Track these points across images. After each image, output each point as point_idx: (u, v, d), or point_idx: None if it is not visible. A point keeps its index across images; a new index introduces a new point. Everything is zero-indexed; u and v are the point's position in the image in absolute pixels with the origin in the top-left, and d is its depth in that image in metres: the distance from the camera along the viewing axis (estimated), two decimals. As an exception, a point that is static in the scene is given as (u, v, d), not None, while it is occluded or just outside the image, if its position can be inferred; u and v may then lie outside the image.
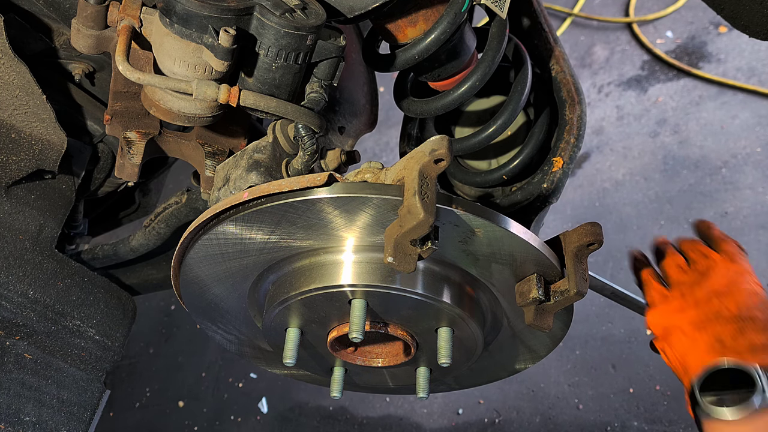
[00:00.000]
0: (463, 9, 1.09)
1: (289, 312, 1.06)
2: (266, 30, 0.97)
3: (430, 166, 0.87)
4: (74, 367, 1.38)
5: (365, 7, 1.04)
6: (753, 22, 1.03)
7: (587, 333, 2.53)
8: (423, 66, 1.22)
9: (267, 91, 1.04)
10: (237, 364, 2.95)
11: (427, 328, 1.07)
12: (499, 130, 1.28)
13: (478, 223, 0.91)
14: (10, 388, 1.27)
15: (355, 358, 1.19)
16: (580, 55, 3.41)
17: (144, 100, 1.12)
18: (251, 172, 1.07)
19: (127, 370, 3.14)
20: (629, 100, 3.16)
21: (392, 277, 0.98)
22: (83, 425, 1.36)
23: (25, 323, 1.30)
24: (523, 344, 1.19)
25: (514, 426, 2.48)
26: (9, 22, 1.20)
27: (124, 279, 1.83)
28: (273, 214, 0.94)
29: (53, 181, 1.39)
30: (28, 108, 1.26)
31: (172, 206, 1.56)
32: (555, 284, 0.99)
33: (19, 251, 1.31)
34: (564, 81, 1.34)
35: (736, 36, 3.14)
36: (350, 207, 0.92)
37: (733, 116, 2.91)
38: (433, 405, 2.62)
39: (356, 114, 1.49)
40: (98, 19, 1.05)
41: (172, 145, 1.34)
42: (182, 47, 0.99)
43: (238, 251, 1.03)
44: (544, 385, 2.52)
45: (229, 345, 1.35)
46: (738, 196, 2.69)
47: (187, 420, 2.89)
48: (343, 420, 2.68)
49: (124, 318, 1.48)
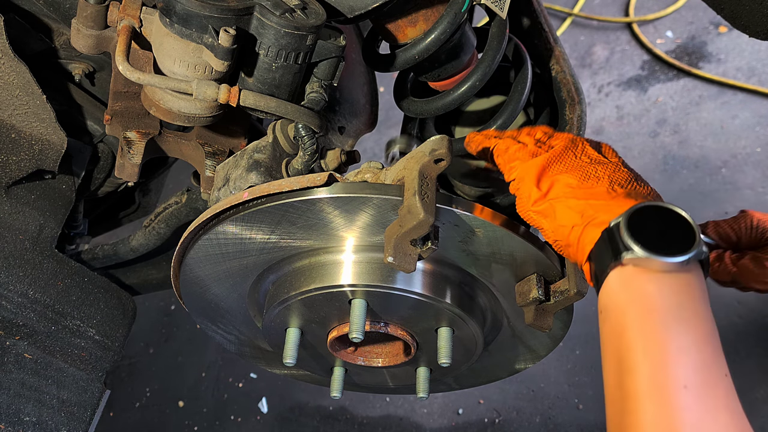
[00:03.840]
0: (463, 9, 1.09)
1: (289, 312, 1.06)
2: (266, 30, 0.97)
3: (430, 166, 0.87)
4: (74, 367, 1.38)
5: (365, 7, 1.04)
6: (753, 22, 1.03)
7: (587, 333, 2.52)
8: (423, 66, 1.22)
9: (267, 91, 1.04)
10: (237, 364, 2.95)
11: (427, 328, 1.07)
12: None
13: (478, 223, 0.91)
14: (10, 388, 1.27)
15: (355, 358, 1.19)
16: (580, 55, 3.40)
17: (144, 100, 1.12)
18: (251, 172, 1.07)
19: (127, 370, 3.14)
20: (629, 100, 3.15)
21: (392, 277, 0.98)
22: (83, 425, 1.36)
23: (25, 323, 1.30)
24: (523, 344, 1.19)
25: (514, 426, 2.48)
26: (9, 22, 1.20)
27: (124, 279, 1.83)
28: (273, 214, 0.94)
29: (53, 181, 1.39)
30: (28, 108, 1.26)
31: (172, 206, 1.56)
32: (555, 284, 0.99)
33: (19, 251, 1.31)
34: (564, 81, 1.34)
35: (736, 36, 3.14)
36: (350, 207, 0.92)
37: (733, 116, 2.91)
38: (433, 405, 2.62)
39: (356, 114, 1.49)
40: (98, 19, 1.05)
41: (172, 145, 1.34)
42: (182, 47, 0.99)
43: (238, 251, 1.03)
44: (544, 385, 2.52)
45: (229, 345, 1.35)
46: (738, 196, 2.69)
47: (187, 420, 2.89)
48: (343, 420, 2.67)
49: (124, 318, 1.48)
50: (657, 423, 0.69)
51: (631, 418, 0.71)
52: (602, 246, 0.80)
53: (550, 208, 0.88)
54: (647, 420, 0.69)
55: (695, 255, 0.75)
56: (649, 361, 0.72)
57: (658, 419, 0.69)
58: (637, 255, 0.75)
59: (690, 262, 0.75)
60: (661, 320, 0.73)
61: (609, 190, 0.86)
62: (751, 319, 2.34)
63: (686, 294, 0.75)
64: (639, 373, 0.72)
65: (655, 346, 0.72)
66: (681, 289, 0.75)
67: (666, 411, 0.68)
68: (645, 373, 0.71)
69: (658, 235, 0.76)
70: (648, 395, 0.70)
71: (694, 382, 0.69)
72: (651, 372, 0.71)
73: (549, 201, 0.88)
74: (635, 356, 0.73)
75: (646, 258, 0.75)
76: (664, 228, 0.77)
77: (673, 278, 0.75)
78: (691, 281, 0.76)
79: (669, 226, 0.77)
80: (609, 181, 0.87)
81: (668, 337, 0.72)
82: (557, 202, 0.87)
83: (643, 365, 0.72)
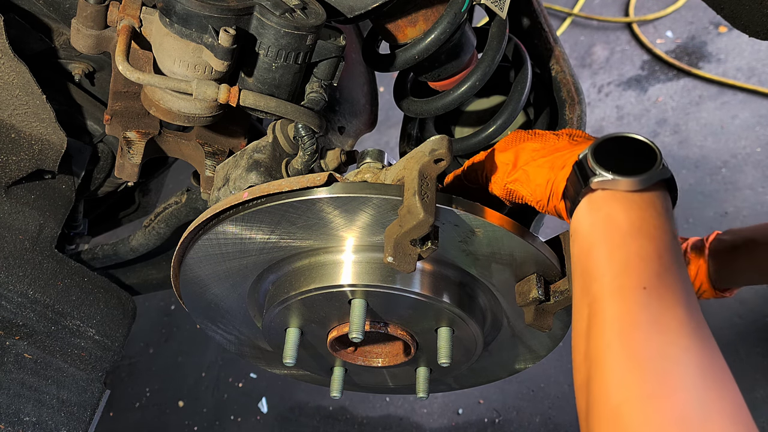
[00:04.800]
0: (463, 9, 1.09)
1: (289, 312, 1.06)
2: (266, 30, 0.97)
3: (430, 166, 0.87)
4: (74, 367, 1.38)
5: (365, 7, 1.04)
6: (753, 22, 1.03)
7: (587, 333, 2.52)
8: (423, 66, 1.22)
9: (267, 91, 1.04)
10: (237, 364, 2.95)
11: (427, 328, 1.07)
12: (499, 130, 1.28)
13: (478, 223, 0.91)
14: (10, 388, 1.27)
15: (355, 358, 1.19)
16: (580, 55, 3.40)
17: (144, 100, 1.12)
18: (251, 172, 1.07)
19: (127, 370, 3.14)
20: (629, 100, 3.15)
21: (392, 277, 0.98)
22: (83, 425, 1.36)
23: (25, 323, 1.30)
24: (523, 344, 1.19)
25: (514, 426, 2.48)
26: (9, 22, 1.20)
27: (124, 279, 1.83)
28: (273, 214, 0.94)
29: (53, 181, 1.39)
30: (28, 108, 1.26)
31: (172, 206, 1.56)
32: (555, 284, 0.99)
33: (19, 251, 1.31)
34: (564, 81, 1.34)
35: (736, 36, 3.13)
36: (350, 207, 0.92)
37: (733, 116, 2.90)
38: (433, 405, 2.61)
39: (356, 114, 1.49)
40: (98, 19, 1.05)
41: (172, 145, 1.34)
42: (182, 47, 0.99)
43: (238, 251, 1.03)
44: (544, 385, 2.52)
45: (229, 345, 1.35)
46: (738, 196, 2.69)
47: (187, 420, 2.89)
48: (343, 420, 2.67)
49: (124, 318, 1.48)
50: (619, 319, 0.73)
51: (595, 318, 0.76)
52: (573, 179, 0.86)
53: (524, 174, 0.94)
54: (610, 317, 0.74)
55: (657, 174, 0.80)
56: (612, 267, 0.77)
57: (619, 316, 0.74)
58: (603, 177, 0.81)
59: (653, 179, 0.80)
60: (625, 233, 0.79)
61: (570, 141, 0.93)
62: (752, 320, 2.34)
63: (651, 210, 0.80)
64: (603, 278, 0.77)
65: (618, 255, 0.78)
66: (645, 206, 0.80)
67: (627, 308, 0.74)
68: (608, 278, 0.77)
69: (622, 161, 0.82)
70: (610, 296, 0.76)
71: (653, 284, 0.74)
72: (614, 276, 0.76)
73: (520, 169, 0.94)
74: (600, 265, 0.78)
75: (612, 180, 0.81)
76: (628, 155, 0.83)
77: (638, 197, 0.81)
78: (655, 199, 0.81)
79: (633, 154, 0.83)
80: (569, 135, 0.95)
81: (631, 247, 0.77)
82: (527, 166, 0.94)
83: (607, 271, 0.77)
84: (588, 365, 0.75)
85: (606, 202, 0.82)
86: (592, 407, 0.72)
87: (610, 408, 0.69)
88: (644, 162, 0.81)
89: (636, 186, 0.80)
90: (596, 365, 0.73)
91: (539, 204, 0.93)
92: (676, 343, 0.70)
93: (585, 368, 0.76)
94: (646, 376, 0.68)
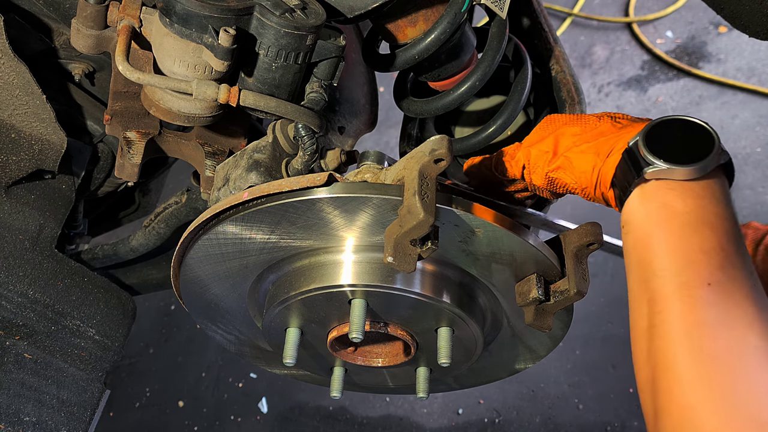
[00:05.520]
0: (463, 9, 1.09)
1: (289, 312, 1.06)
2: (266, 30, 0.97)
3: (430, 166, 0.87)
4: (74, 367, 1.38)
5: (365, 7, 1.04)
6: (753, 22, 1.03)
7: (587, 333, 2.52)
8: (423, 66, 1.22)
9: (267, 91, 1.04)
10: (237, 364, 2.95)
11: (427, 328, 1.07)
12: (499, 130, 1.28)
13: (478, 223, 0.91)
14: (10, 388, 1.27)
15: (355, 358, 1.19)
16: (580, 55, 3.40)
17: (144, 100, 1.12)
18: (251, 172, 1.07)
19: (127, 370, 3.14)
20: (629, 100, 3.15)
21: (392, 277, 0.98)
22: (83, 425, 1.36)
23: (25, 323, 1.30)
24: (523, 344, 1.19)
25: (514, 426, 2.48)
26: (9, 22, 1.20)
27: (124, 279, 1.83)
28: (273, 214, 0.94)
29: (53, 181, 1.39)
30: (28, 108, 1.26)
31: (172, 206, 1.56)
32: (555, 284, 0.99)
33: (19, 251, 1.31)
34: (564, 81, 1.34)
35: (736, 36, 3.13)
36: (350, 207, 0.92)
37: (733, 116, 2.91)
38: (433, 405, 2.62)
39: (356, 114, 1.49)
40: (98, 19, 1.05)
41: (172, 145, 1.34)
42: (182, 47, 0.99)
43: (238, 251, 1.03)
44: (544, 385, 2.52)
45: (229, 345, 1.35)
46: (738, 196, 2.69)
47: (187, 420, 2.89)
48: (343, 420, 2.68)
49: (124, 318, 1.48)
50: (684, 318, 0.71)
51: (659, 317, 0.73)
52: (623, 167, 0.81)
53: (566, 160, 0.89)
54: (674, 316, 0.71)
55: (714, 159, 0.76)
56: (674, 262, 0.74)
57: (684, 315, 0.71)
58: (658, 167, 0.76)
59: (709, 166, 0.76)
60: (684, 223, 0.75)
61: (613, 124, 0.88)
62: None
63: (709, 198, 0.76)
64: (665, 274, 0.74)
65: (678, 248, 0.74)
66: (703, 193, 0.76)
67: (692, 307, 0.70)
68: (670, 274, 0.73)
69: (675, 147, 0.77)
70: (674, 293, 0.72)
71: (718, 278, 0.71)
72: (676, 272, 0.73)
73: (562, 156, 0.89)
74: (660, 259, 0.75)
75: (667, 169, 0.76)
76: (681, 139, 0.78)
77: (694, 185, 0.77)
78: (713, 185, 0.77)
79: (686, 137, 0.78)
80: (611, 118, 0.89)
81: (691, 239, 0.74)
82: (570, 152, 0.89)
83: (669, 266, 0.74)
84: (652, 365, 0.73)
85: (661, 191, 0.78)
86: (661, 408, 0.71)
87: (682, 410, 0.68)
88: (698, 145, 0.77)
89: (694, 175, 0.76)
90: (662, 366, 0.71)
91: (585, 192, 0.89)
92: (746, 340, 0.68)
93: (649, 368, 0.74)
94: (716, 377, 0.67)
